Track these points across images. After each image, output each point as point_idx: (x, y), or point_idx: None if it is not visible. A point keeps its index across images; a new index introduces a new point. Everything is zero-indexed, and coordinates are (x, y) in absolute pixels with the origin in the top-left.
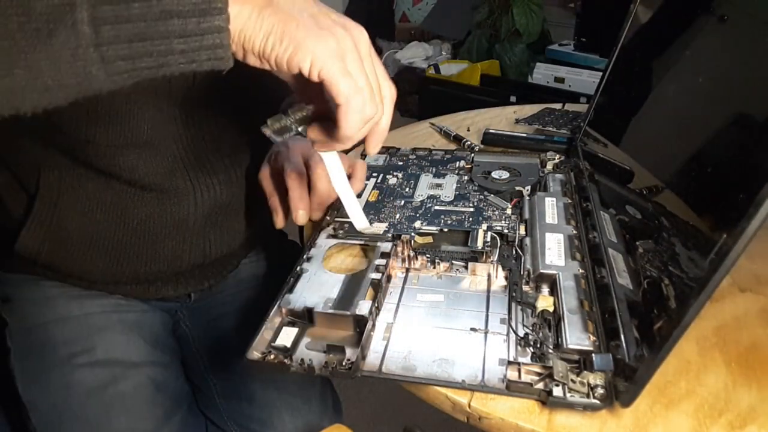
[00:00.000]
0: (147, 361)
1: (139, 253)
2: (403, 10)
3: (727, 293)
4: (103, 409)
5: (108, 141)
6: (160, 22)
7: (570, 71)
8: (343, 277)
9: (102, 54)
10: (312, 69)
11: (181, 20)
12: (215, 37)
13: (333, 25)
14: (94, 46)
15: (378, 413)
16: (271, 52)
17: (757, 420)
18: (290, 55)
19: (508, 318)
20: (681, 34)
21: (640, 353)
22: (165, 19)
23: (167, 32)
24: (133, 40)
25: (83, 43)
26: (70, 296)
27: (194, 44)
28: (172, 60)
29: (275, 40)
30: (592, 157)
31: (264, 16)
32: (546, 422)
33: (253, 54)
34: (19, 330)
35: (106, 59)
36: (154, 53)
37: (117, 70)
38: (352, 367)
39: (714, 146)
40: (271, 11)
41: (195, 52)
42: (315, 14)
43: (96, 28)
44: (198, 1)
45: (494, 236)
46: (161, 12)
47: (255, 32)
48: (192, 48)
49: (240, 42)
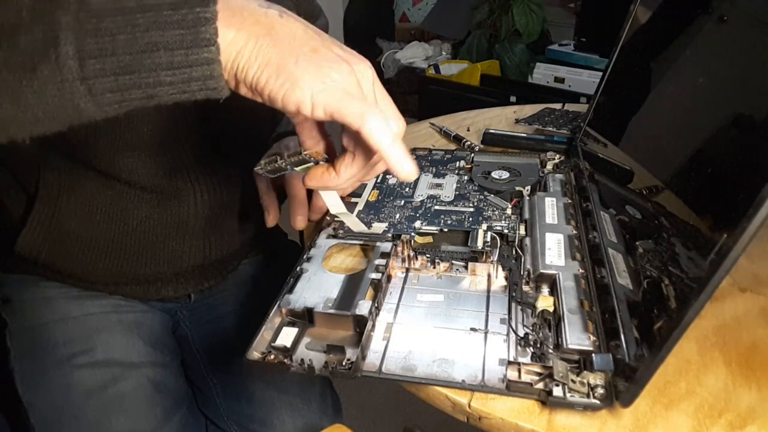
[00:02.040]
0: (147, 361)
1: (139, 253)
2: (403, 10)
3: (727, 293)
4: (102, 409)
5: (108, 143)
6: (145, 54)
7: (570, 71)
8: (343, 277)
9: (89, 87)
10: (314, 108)
11: (167, 52)
12: (204, 69)
13: (336, 59)
14: (80, 80)
15: (378, 413)
16: (264, 85)
17: (757, 420)
18: (286, 92)
19: (508, 318)
20: (681, 34)
21: (640, 353)
22: (151, 51)
23: (154, 65)
24: (120, 73)
25: (69, 77)
26: (69, 297)
27: (183, 76)
28: (162, 91)
29: (270, 74)
30: (592, 157)
31: (260, 47)
32: (546, 422)
33: (246, 85)
34: (18, 330)
35: (93, 92)
36: (143, 85)
37: (106, 102)
38: (352, 367)
39: (714, 146)
40: (269, 42)
41: (185, 83)
42: (317, 48)
43: (81, 61)
44: (184, 32)
45: (494, 236)
46: (146, 44)
47: (249, 63)
48: (181, 80)
49: (232, 71)
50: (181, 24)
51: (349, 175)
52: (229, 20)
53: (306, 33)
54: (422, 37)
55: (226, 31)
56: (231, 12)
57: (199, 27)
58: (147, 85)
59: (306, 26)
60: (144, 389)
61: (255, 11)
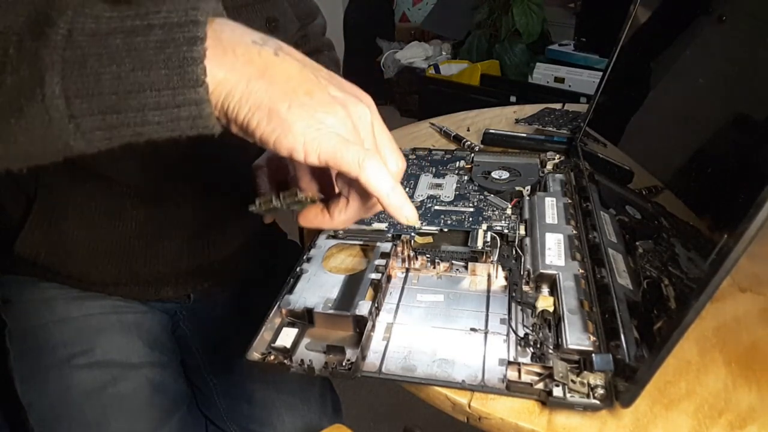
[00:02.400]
0: (146, 362)
1: (138, 254)
2: (403, 10)
3: (727, 293)
4: (101, 410)
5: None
6: (132, 95)
7: (570, 71)
8: (343, 277)
9: (77, 125)
10: (307, 155)
11: (153, 92)
12: (193, 109)
13: (331, 103)
14: (68, 118)
15: (378, 413)
16: (255, 128)
17: (757, 420)
18: (278, 138)
19: (508, 318)
20: (680, 34)
21: (641, 353)
22: (137, 92)
23: (140, 105)
24: (107, 112)
25: (56, 116)
26: (69, 297)
27: (171, 116)
28: (151, 129)
29: (261, 118)
30: (592, 157)
31: (252, 89)
32: (546, 422)
33: (236, 125)
34: (18, 331)
35: (82, 130)
36: (131, 124)
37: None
38: (352, 367)
39: (714, 147)
40: (263, 84)
41: (173, 122)
42: (311, 90)
43: (68, 101)
44: (170, 72)
45: (494, 236)
46: (132, 84)
47: (240, 105)
48: (169, 119)
49: (222, 110)
50: (167, 64)
51: (344, 219)
52: (220, 58)
53: (302, 73)
54: (422, 37)
55: (216, 71)
56: (222, 49)
57: (185, 67)
58: (135, 124)
59: (302, 65)
60: (143, 390)
61: (248, 49)
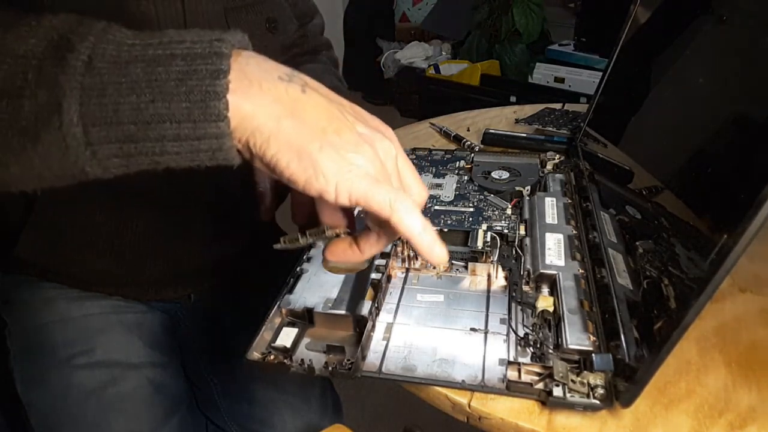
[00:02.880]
0: (146, 362)
1: (139, 254)
2: (403, 10)
3: (727, 293)
4: (101, 410)
5: None
6: (151, 125)
7: (570, 71)
8: (343, 277)
9: (94, 152)
10: (338, 196)
11: (174, 124)
12: (213, 142)
13: (360, 143)
14: (85, 145)
15: (378, 413)
16: (285, 168)
17: (757, 420)
18: (308, 179)
19: (508, 318)
20: (680, 34)
21: (641, 353)
22: (157, 123)
23: (159, 135)
24: (125, 140)
25: (73, 144)
26: (69, 298)
27: (190, 147)
28: (169, 159)
29: (291, 158)
30: (592, 157)
31: (282, 128)
32: (546, 422)
33: (262, 162)
34: (18, 331)
35: (98, 157)
36: (149, 153)
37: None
38: (352, 367)
39: (714, 147)
40: (293, 124)
41: (193, 153)
42: (341, 130)
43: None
44: (191, 105)
45: (494, 236)
46: (152, 115)
47: (268, 143)
48: (189, 150)
49: (246, 145)
50: (188, 97)
51: (374, 252)
52: (245, 92)
53: (329, 111)
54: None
55: (241, 104)
56: (248, 82)
57: (207, 101)
58: (153, 154)
59: (329, 101)
60: (143, 390)
61: (275, 85)
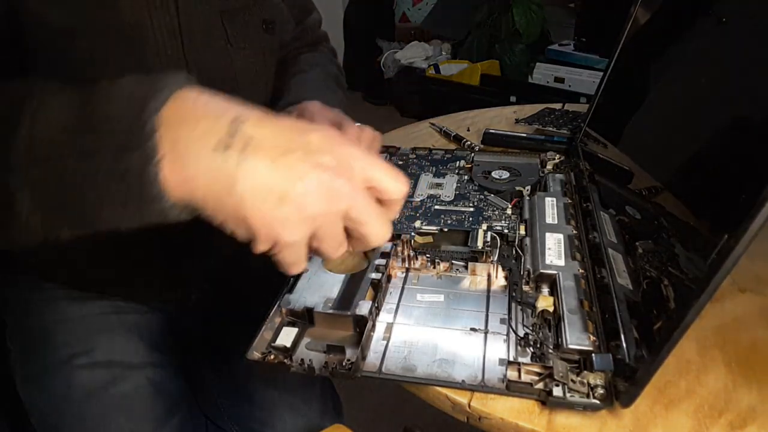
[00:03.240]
0: (147, 362)
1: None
2: (403, 10)
3: (727, 293)
4: (102, 410)
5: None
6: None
7: (570, 71)
8: (343, 277)
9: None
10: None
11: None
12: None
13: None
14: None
15: (378, 413)
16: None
17: (757, 420)
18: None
19: (508, 318)
20: (680, 35)
21: (641, 353)
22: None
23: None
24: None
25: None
26: (70, 298)
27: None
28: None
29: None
30: (592, 158)
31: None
32: (546, 422)
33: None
34: (19, 331)
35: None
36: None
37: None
38: (352, 367)
39: (714, 147)
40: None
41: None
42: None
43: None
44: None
45: (494, 236)
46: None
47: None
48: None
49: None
50: (126, 195)
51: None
52: (179, 176)
53: (273, 174)
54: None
55: (177, 187)
56: (181, 164)
57: (144, 193)
58: (107, 227)
59: (276, 154)
60: (144, 390)
61: (211, 162)
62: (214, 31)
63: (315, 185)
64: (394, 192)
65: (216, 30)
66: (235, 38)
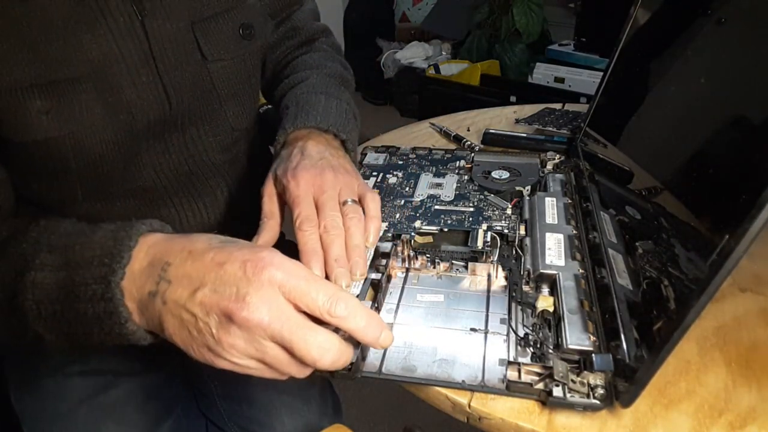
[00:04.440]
0: (141, 368)
1: None
2: (403, 10)
3: (727, 293)
4: (93, 416)
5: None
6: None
7: (570, 71)
8: None
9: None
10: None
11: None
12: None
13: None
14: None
15: (378, 413)
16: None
17: (757, 420)
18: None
19: (508, 318)
20: (680, 35)
21: (641, 354)
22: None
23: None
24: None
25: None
26: None
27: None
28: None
29: (186, 348)
30: (593, 158)
31: (169, 336)
32: (546, 422)
33: None
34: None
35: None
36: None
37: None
38: (352, 367)
39: (714, 147)
40: (169, 335)
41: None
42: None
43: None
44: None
45: (494, 236)
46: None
47: (170, 339)
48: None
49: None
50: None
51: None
52: (140, 313)
53: (183, 318)
54: (422, 37)
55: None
56: (135, 306)
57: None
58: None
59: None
60: (135, 396)
61: (151, 304)
62: (187, 46)
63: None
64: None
65: (188, 45)
66: (210, 50)
